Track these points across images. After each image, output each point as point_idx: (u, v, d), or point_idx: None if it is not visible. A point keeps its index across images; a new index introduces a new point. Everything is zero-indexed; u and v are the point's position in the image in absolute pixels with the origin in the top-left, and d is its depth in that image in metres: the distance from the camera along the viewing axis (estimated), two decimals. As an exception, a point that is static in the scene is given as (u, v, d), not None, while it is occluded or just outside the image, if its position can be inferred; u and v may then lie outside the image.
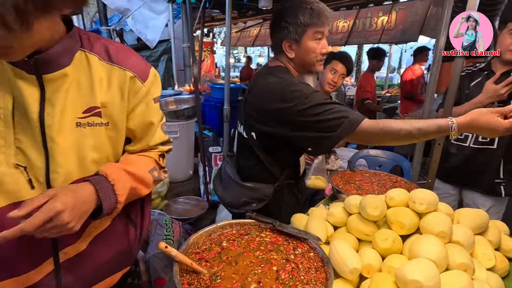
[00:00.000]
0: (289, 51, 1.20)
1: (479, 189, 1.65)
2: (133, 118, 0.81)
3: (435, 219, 0.88)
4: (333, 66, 1.89)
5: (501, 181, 1.60)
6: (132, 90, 0.78)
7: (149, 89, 0.81)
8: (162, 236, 1.52)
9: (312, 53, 1.18)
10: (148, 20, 4.20)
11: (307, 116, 1.03)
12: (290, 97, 1.06)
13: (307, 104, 1.03)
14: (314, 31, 1.15)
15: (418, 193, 0.95)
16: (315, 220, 1.05)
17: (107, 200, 0.72)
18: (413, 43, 7.19)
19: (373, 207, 0.94)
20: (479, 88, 1.59)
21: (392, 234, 0.90)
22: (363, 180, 1.57)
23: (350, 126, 0.99)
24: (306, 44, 1.17)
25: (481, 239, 0.97)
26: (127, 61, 0.77)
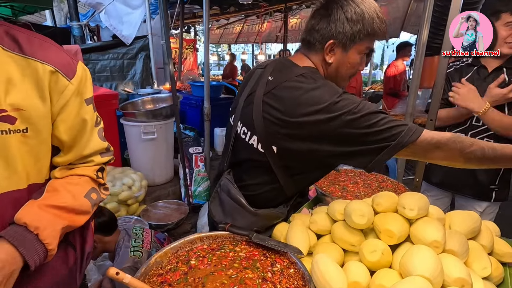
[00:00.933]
0: (330, 54, 0.95)
1: (471, 194, 1.60)
2: (60, 122, 0.68)
3: (427, 227, 0.80)
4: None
5: (495, 187, 1.55)
6: (56, 89, 0.65)
7: (79, 88, 0.68)
8: (129, 248, 1.38)
9: (352, 68, 0.98)
10: (122, 15, 3.99)
11: (358, 128, 0.83)
12: (337, 107, 0.84)
13: (358, 114, 0.83)
14: (367, 45, 0.93)
15: (407, 198, 0.86)
16: (296, 230, 0.95)
17: (32, 254, 0.59)
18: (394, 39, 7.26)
19: (359, 214, 0.84)
20: (471, 83, 1.51)
21: (380, 245, 0.80)
22: (348, 180, 1.48)
23: (412, 134, 0.81)
24: (353, 55, 0.94)
25: (475, 245, 0.89)
26: (45, 52, 0.64)
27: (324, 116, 0.84)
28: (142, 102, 3.26)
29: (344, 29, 0.89)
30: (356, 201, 0.90)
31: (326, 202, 1.36)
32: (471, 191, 1.59)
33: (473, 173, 1.54)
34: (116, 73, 4.07)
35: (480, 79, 1.50)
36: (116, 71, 4.06)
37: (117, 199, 2.53)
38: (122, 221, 2.34)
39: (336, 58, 0.95)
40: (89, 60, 3.82)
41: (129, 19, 3.98)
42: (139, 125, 2.81)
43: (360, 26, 0.89)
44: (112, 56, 4.01)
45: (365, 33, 0.90)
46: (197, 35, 11.99)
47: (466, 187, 1.59)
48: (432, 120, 1.26)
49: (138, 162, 3.01)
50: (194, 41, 8.82)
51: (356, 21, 0.89)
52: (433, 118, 1.25)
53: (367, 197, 1.31)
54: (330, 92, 0.87)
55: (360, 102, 0.85)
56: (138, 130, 2.82)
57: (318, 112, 0.84)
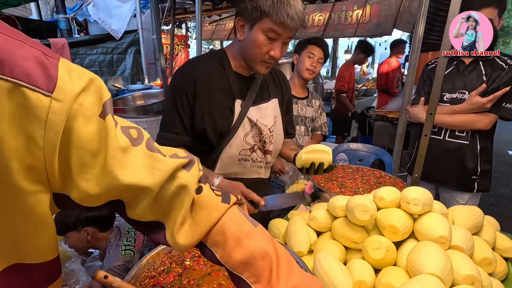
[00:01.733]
0: (241, 30, 0.99)
1: (455, 186, 1.62)
2: (80, 177, 0.40)
3: (433, 223, 0.77)
4: (309, 50, 1.75)
5: (477, 178, 1.58)
6: (27, 119, 0.34)
7: (73, 103, 0.36)
8: (120, 247, 1.32)
9: (256, 48, 0.95)
10: (111, 8, 3.87)
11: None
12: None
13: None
14: (268, 27, 0.91)
15: (411, 192, 0.83)
16: (295, 227, 0.91)
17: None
18: (387, 37, 7.30)
19: (362, 210, 0.81)
20: (450, 78, 1.57)
21: (385, 241, 0.77)
22: (345, 176, 1.45)
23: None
24: (256, 33, 0.94)
25: (479, 241, 0.87)
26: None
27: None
28: (133, 98, 3.18)
29: (246, 5, 0.93)
30: (358, 197, 0.86)
31: (324, 198, 1.32)
32: (454, 183, 1.61)
33: (456, 166, 1.57)
34: (105, 68, 3.95)
35: (459, 73, 1.56)
36: (105, 66, 3.95)
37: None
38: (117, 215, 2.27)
39: (245, 36, 0.98)
40: (77, 55, 3.69)
41: (119, 13, 3.86)
42: (130, 121, 2.73)
43: (256, 3, 0.91)
44: (101, 51, 3.89)
45: (261, 10, 0.90)
46: (189, 31, 11.82)
47: (450, 179, 1.62)
48: (432, 114, 1.24)
49: (129, 159, 2.92)
50: (185, 37, 8.67)
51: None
52: (433, 112, 1.23)
53: (366, 192, 1.28)
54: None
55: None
56: (128, 127, 2.74)
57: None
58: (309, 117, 1.90)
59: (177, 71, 1.07)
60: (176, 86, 1.04)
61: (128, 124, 0.46)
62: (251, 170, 1.15)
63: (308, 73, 1.77)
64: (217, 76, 1.05)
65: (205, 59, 1.09)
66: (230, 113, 1.06)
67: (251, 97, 1.09)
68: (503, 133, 6.15)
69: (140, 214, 0.49)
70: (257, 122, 1.09)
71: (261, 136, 1.12)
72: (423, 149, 1.29)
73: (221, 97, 1.05)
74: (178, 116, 1.03)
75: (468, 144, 1.54)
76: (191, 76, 1.02)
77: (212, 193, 0.54)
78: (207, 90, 1.02)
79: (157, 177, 0.46)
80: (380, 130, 2.86)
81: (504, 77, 1.42)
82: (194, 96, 1.02)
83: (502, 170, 4.33)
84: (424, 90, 1.67)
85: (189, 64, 1.08)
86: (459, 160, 1.56)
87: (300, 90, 1.88)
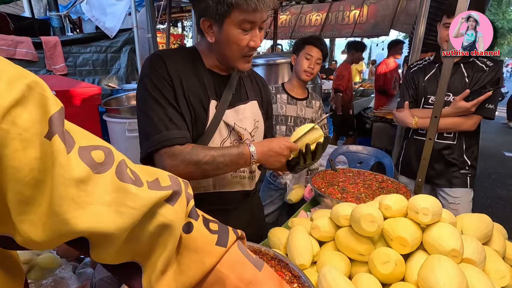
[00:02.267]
0: (209, 32, 0.88)
1: (445, 183, 1.67)
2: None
3: (444, 234, 0.72)
4: (307, 51, 1.70)
5: (467, 172, 1.64)
6: None
7: (0, 124, 0.26)
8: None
9: (234, 45, 0.86)
10: (106, 6, 3.79)
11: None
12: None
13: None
14: (240, 18, 0.82)
15: (419, 201, 0.78)
16: (298, 237, 0.86)
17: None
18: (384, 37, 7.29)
19: (369, 220, 0.76)
20: (434, 81, 1.61)
21: (393, 254, 0.72)
22: (347, 181, 1.40)
23: (163, 141, 0.85)
24: (228, 31, 0.84)
25: (489, 251, 0.83)
26: None
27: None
28: (127, 98, 3.10)
29: (207, 3, 0.82)
30: (364, 206, 0.82)
31: (325, 203, 1.28)
32: (445, 181, 1.65)
33: (445, 164, 1.63)
34: (99, 67, 3.86)
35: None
36: (99, 65, 3.85)
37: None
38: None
39: (216, 36, 0.88)
40: (70, 53, 3.59)
41: (113, 11, 3.78)
42: (124, 121, 2.66)
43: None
44: (94, 49, 3.79)
45: (228, 3, 0.80)
46: (185, 31, 11.72)
47: (441, 177, 1.66)
48: (436, 117, 1.20)
49: (123, 161, 2.85)
50: (181, 36, 8.60)
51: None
52: (437, 115, 1.19)
53: (368, 198, 1.23)
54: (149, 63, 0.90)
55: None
56: (122, 127, 2.67)
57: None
58: (308, 119, 1.85)
59: (144, 63, 0.91)
60: (152, 73, 0.87)
61: (92, 143, 0.35)
62: (232, 182, 1.02)
63: (306, 75, 1.72)
64: (189, 70, 0.92)
65: (174, 51, 0.95)
66: (205, 113, 0.93)
67: (226, 98, 0.97)
68: (500, 134, 6.19)
69: (107, 258, 0.37)
70: (235, 126, 0.97)
71: (241, 142, 1.00)
72: (427, 153, 1.25)
73: (196, 92, 0.91)
74: (170, 106, 0.86)
75: (456, 143, 1.61)
76: (161, 64, 0.88)
77: (205, 231, 0.43)
78: (181, 81, 0.89)
79: (126, 219, 0.34)
80: (379, 131, 2.82)
81: (486, 78, 1.49)
82: (171, 84, 0.87)
83: (499, 171, 4.34)
84: (408, 93, 1.70)
85: (156, 55, 0.91)
86: (447, 159, 1.62)
87: (299, 91, 1.84)
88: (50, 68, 3.46)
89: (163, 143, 0.84)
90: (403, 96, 1.72)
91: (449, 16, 1.48)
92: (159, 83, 0.86)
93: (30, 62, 3.35)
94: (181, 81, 0.89)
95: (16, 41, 3.16)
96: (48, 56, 3.42)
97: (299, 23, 7.42)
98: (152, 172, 0.40)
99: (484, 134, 1.78)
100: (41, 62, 3.41)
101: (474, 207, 1.64)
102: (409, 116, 1.64)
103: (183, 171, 0.84)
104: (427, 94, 1.65)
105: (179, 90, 0.88)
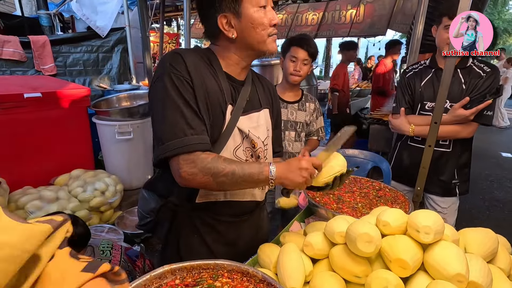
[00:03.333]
0: (229, 29, 0.86)
1: (439, 192, 1.65)
2: None
3: (448, 256, 0.66)
4: (292, 53, 1.62)
5: (456, 181, 1.61)
6: None
7: None
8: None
9: (259, 26, 0.85)
10: (97, 4, 3.70)
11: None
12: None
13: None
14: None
15: (421, 219, 0.72)
16: (289, 256, 0.79)
17: None
18: (380, 37, 7.25)
19: (365, 240, 0.70)
20: (430, 86, 1.58)
21: (392, 279, 0.66)
22: (342, 189, 1.34)
23: (176, 148, 0.81)
24: (248, 14, 0.83)
25: (495, 270, 0.77)
26: None
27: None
28: (118, 99, 3.01)
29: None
30: (361, 223, 0.75)
31: (319, 214, 1.21)
32: (437, 188, 1.63)
33: (438, 173, 1.60)
34: (90, 67, 3.76)
35: (437, 81, 1.54)
36: (90, 65, 3.75)
37: (88, 206, 2.30)
38: (94, 231, 2.12)
39: (237, 29, 0.86)
40: (60, 53, 3.49)
41: (104, 9, 3.68)
42: (114, 124, 2.58)
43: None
44: (85, 49, 3.69)
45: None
46: (180, 29, 11.60)
47: (432, 185, 1.63)
48: (437, 123, 1.14)
49: (113, 164, 2.77)
50: (177, 35, 8.50)
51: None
52: (438, 120, 1.13)
53: (365, 208, 1.17)
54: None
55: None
56: (112, 130, 2.58)
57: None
58: (301, 122, 1.78)
59: (161, 61, 0.86)
60: (171, 72, 0.81)
61: None
62: (243, 192, 0.99)
63: (292, 78, 1.65)
64: (208, 71, 0.88)
65: (192, 50, 0.91)
66: (222, 118, 0.89)
67: (241, 104, 0.93)
68: (497, 135, 6.17)
69: None
70: (250, 133, 0.93)
71: (253, 150, 0.96)
72: (427, 160, 1.19)
73: (215, 95, 0.87)
74: (190, 109, 0.80)
75: (451, 151, 1.57)
76: (181, 62, 0.82)
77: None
78: (201, 81, 0.84)
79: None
80: (376, 134, 2.77)
81: (483, 85, 1.45)
82: (191, 85, 0.82)
83: (497, 172, 4.31)
84: (404, 99, 1.65)
85: (173, 54, 0.86)
86: (441, 167, 1.59)
87: (291, 93, 1.77)
88: (38, 68, 3.36)
89: (183, 149, 0.79)
90: (399, 102, 1.67)
91: (451, 18, 1.40)
92: (179, 82, 0.81)
93: (17, 62, 3.25)
94: (202, 82, 0.84)
95: (2, 40, 3.07)
96: (37, 56, 3.32)
97: (295, 22, 7.35)
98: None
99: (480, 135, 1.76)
100: (30, 62, 3.31)
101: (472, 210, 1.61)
102: (405, 123, 1.59)
103: (200, 181, 0.81)
104: (423, 100, 1.60)
105: (200, 91, 0.83)
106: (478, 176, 4.09)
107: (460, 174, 1.61)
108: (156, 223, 1.03)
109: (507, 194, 3.62)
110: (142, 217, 1.05)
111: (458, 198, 1.67)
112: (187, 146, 0.79)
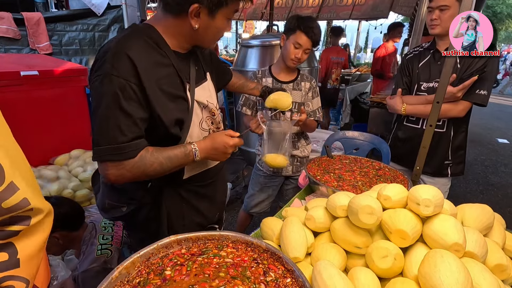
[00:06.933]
0: (195, 19, 0.85)
1: (429, 171, 1.66)
2: None
3: (446, 227, 0.68)
4: (296, 39, 1.55)
5: (449, 162, 1.63)
6: None
7: None
8: (96, 246, 1.21)
9: (220, 33, 0.92)
10: (92, -19, 3.56)
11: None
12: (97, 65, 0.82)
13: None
14: (234, 8, 0.89)
15: (421, 192, 0.73)
16: (291, 229, 0.81)
17: None
18: (382, 21, 7.11)
19: (367, 212, 0.72)
20: (427, 67, 1.60)
21: (392, 249, 0.68)
22: (343, 168, 1.36)
23: (113, 154, 0.84)
24: (219, 20, 0.88)
25: (490, 243, 0.79)
26: None
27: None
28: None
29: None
30: (362, 196, 0.77)
31: (320, 192, 1.23)
32: (429, 168, 1.64)
33: (431, 153, 1.58)
34: (86, 46, 3.67)
35: (435, 62, 1.59)
36: (86, 45, 3.66)
37: (89, 186, 2.31)
38: (95, 209, 2.14)
39: (202, 23, 0.87)
40: (55, 31, 3.40)
41: (100, -14, 3.56)
42: (112, 104, 2.55)
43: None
44: (81, 28, 3.59)
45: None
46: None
47: (425, 165, 1.60)
48: (439, 103, 1.14)
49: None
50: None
51: None
52: (440, 100, 1.13)
53: (365, 186, 1.19)
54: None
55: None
56: (111, 110, 2.56)
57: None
58: (297, 102, 1.73)
59: (106, 58, 0.79)
60: (112, 73, 0.77)
61: None
62: (205, 162, 1.07)
63: (292, 63, 1.62)
64: (158, 59, 0.86)
65: (137, 44, 0.83)
66: (184, 101, 0.92)
67: (193, 77, 0.96)
68: (493, 121, 6.21)
69: None
70: (208, 103, 1.00)
71: (213, 118, 1.03)
72: (427, 140, 1.20)
73: (173, 83, 0.89)
74: (125, 114, 0.79)
75: (445, 131, 1.59)
76: (127, 64, 0.78)
77: None
78: (155, 78, 0.83)
79: None
80: (376, 117, 2.77)
81: (477, 64, 1.45)
82: (138, 87, 0.80)
83: (492, 157, 4.37)
84: (402, 81, 1.68)
85: (119, 54, 0.79)
86: (434, 147, 1.59)
87: (286, 74, 1.73)
88: (33, 47, 3.28)
89: (112, 157, 0.81)
90: (397, 83, 1.71)
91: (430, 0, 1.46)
92: (121, 86, 0.78)
93: (11, 40, 3.17)
94: (156, 78, 0.84)
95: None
96: (31, 33, 3.23)
97: (296, 3, 7.17)
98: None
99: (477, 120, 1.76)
100: (24, 40, 3.23)
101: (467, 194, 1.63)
102: (399, 103, 1.62)
103: (130, 178, 0.86)
104: (420, 81, 1.61)
105: (150, 90, 0.83)
106: (474, 161, 4.15)
107: (454, 155, 1.63)
108: (139, 208, 1.02)
109: (501, 179, 3.69)
110: (113, 206, 1.04)
111: (450, 179, 1.70)
112: (117, 154, 0.81)
